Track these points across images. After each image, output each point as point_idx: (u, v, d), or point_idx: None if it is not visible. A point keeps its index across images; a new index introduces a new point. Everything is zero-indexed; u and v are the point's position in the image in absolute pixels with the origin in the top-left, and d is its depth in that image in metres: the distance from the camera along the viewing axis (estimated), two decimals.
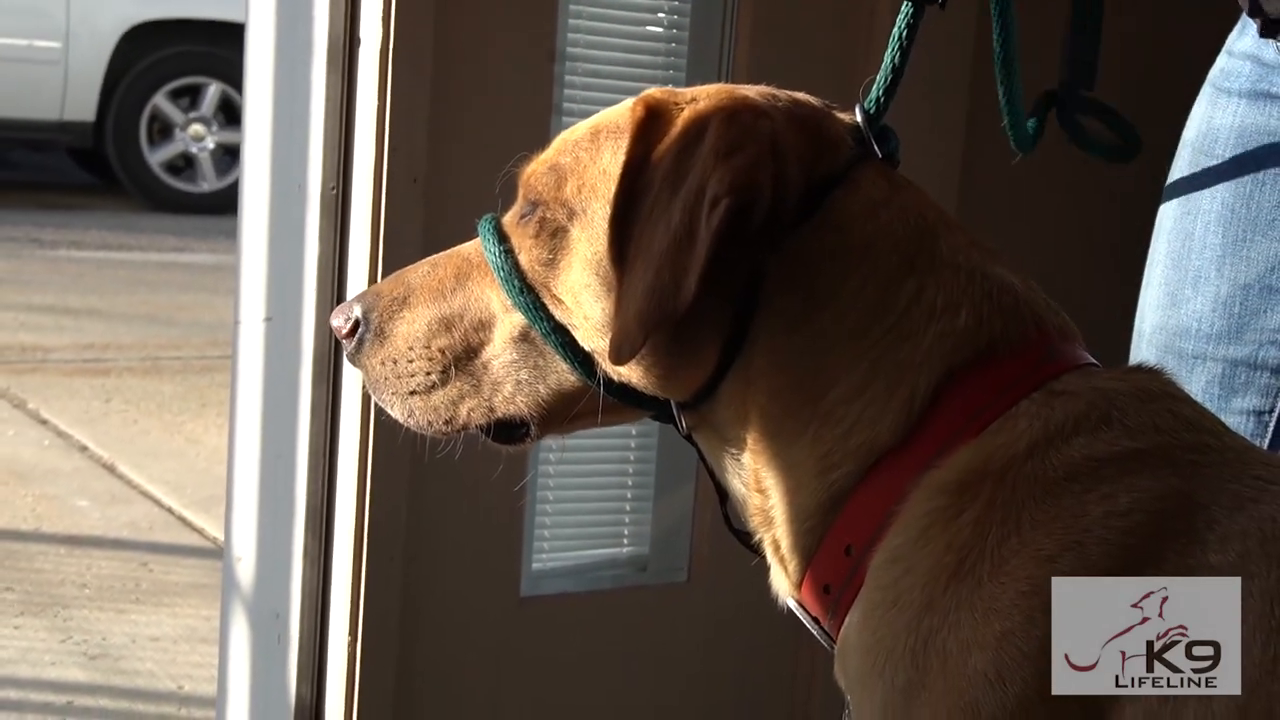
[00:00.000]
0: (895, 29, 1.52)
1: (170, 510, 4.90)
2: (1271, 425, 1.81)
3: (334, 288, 2.47)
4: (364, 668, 2.49)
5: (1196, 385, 1.81)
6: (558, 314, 1.44)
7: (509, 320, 1.48)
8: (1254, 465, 1.28)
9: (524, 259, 1.46)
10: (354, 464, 2.46)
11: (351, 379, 2.45)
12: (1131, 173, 1.95)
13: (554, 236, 1.45)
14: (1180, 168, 1.85)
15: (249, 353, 2.63)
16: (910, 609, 1.27)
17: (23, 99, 10.53)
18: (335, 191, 2.45)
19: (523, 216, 1.47)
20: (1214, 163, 1.80)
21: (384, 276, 2.36)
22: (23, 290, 7.96)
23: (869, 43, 2.70)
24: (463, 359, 1.50)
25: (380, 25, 2.36)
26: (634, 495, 2.77)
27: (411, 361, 1.51)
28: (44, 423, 5.71)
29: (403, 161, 2.39)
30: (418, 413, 1.52)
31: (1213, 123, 1.81)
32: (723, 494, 1.49)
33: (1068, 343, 1.39)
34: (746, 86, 1.46)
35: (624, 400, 1.46)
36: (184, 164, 10.92)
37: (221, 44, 9.86)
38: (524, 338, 1.48)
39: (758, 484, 1.42)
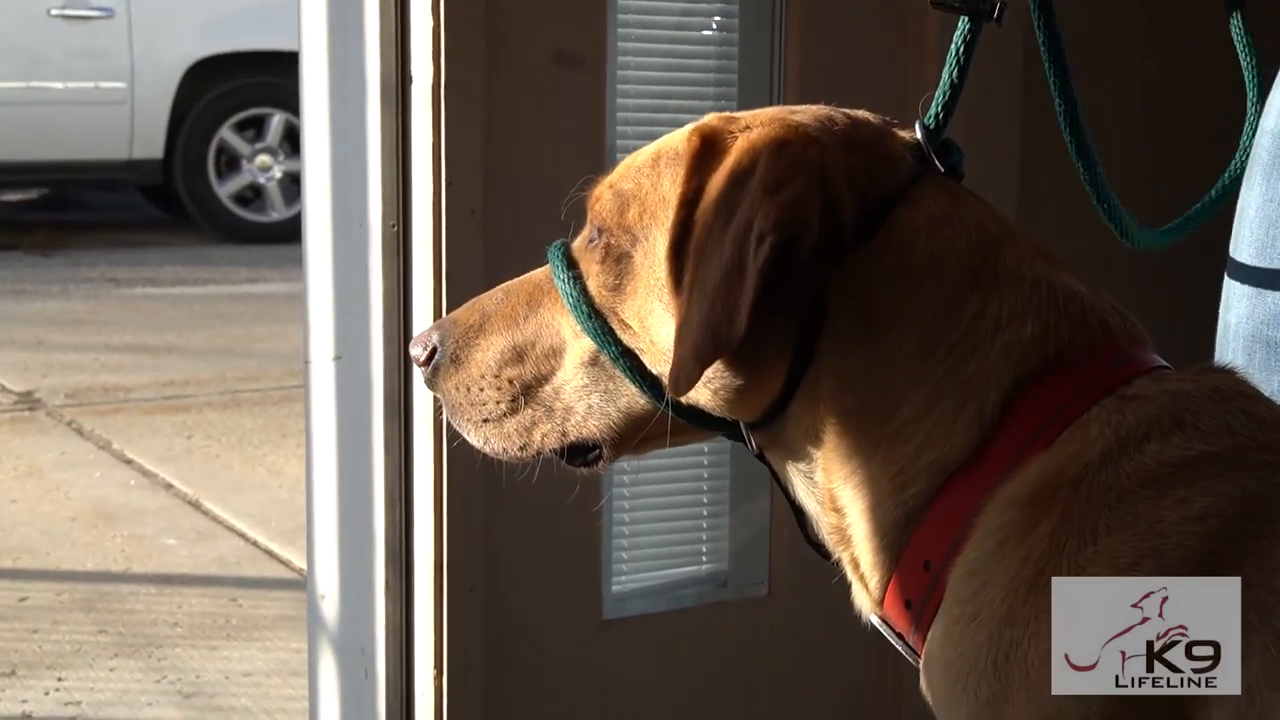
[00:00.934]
0: (953, 44, 1.52)
1: (256, 544, 4.94)
2: None
3: (400, 324, 2.49)
4: (450, 701, 2.51)
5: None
6: (625, 339, 1.46)
7: (579, 345, 1.49)
8: None
9: (592, 284, 1.47)
10: (430, 498, 2.47)
11: (423, 414, 2.47)
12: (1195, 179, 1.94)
13: (619, 262, 1.46)
14: (1261, 156, 1.82)
15: (321, 391, 2.66)
16: (991, 622, 1.27)
17: (92, 140, 10.67)
18: (396, 228, 2.47)
19: (590, 242, 1.49)
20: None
21: (447, 311, 2.38)
22: (101, 330, 8.06)
23: (919, 47, 2.70)
24: (533, 386, 1.52)
25: (430, 62, 2.38)
26: (710, 511, 2.77)
27: (483, 390, 1.54)
28: (129, 462, 5.77)
29: (460, 196, 2.41)
30: (493, 439, 1.55)
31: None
32: (798, 511, 1.49)
33: (1137, 347, 1.38)
34: (802, 109, 1.46)
35: (693, 422, 1.47)
36: (252, 195, 11.02)
37: (283, 74, 9.93)
38: (594, 362, 1.49)
39: (832, 502, 1.42)
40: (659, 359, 1.43)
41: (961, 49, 1.52)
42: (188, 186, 10.90)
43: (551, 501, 2.55)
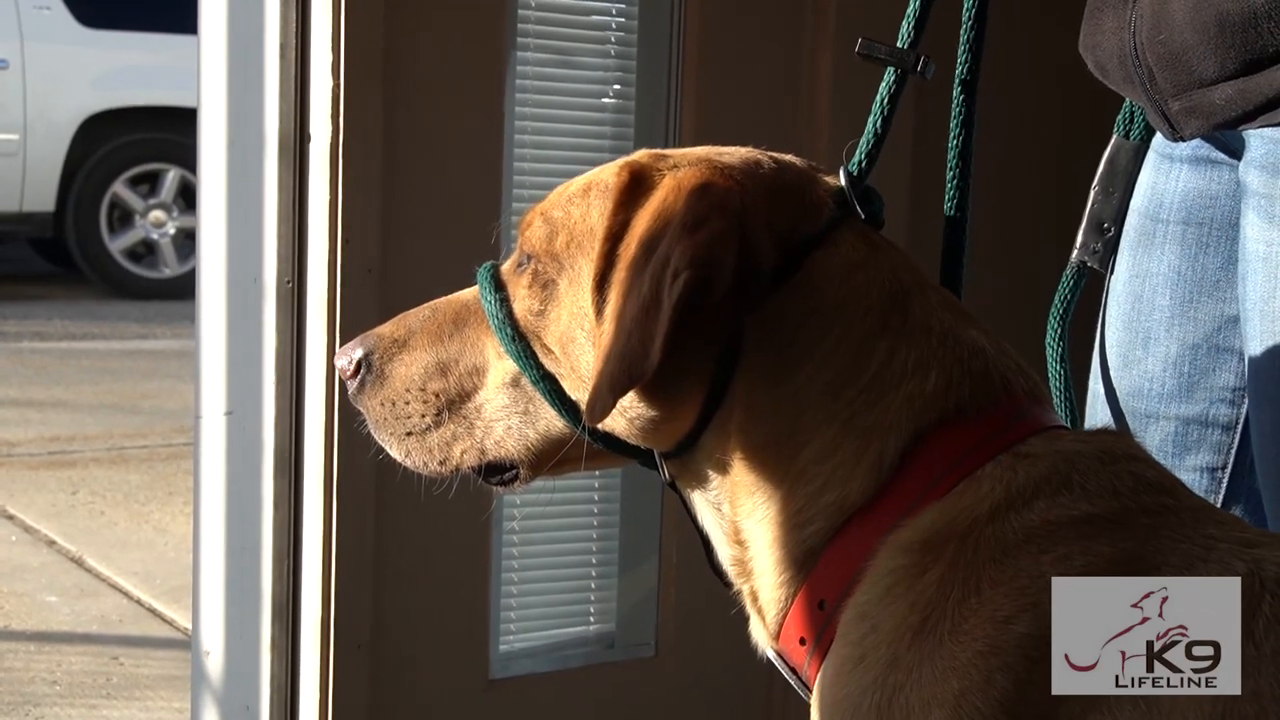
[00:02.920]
0: (879, 95, 1.55)
1: (140, 602, 4.87)
2: (1225, 481, 1.83)
3: (293, 381, 2.49)
4: None
5: (1151, 443, 1.83)
6: (547, 363, 1.47)
7: (502, 366, 1.51)
8: (1207, 524, 1.30)
9: (518, 307, 1.49)
10: (318, 555, 2.47)
11: (313, 471, 2.47)
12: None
13: (545, 288, 1.48)
14: (1129, 233, 1.87)
15: (211, 446, 2.64)
16: (876, 666, 1.29)
17: None
18: (291, 285, 2.47)
19: (518, 266, 1.51)
20: (1161, 227, 1.82)
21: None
22: None
23: (812, 98, 2.75)
24: (456, 402, 1.54)
25: (330, 121, 2.39)
26: (599, 572, 2.78)
27: (408, 404, 1.55)
28: (10, 518, 5.68)
29: (357, 253, 2.42)
30: (414, 453, 1.55)
31: (1158, 189, 1.84)
32: (705, 540, 1.50)
33: (1036, 405, 1.41)
34: (731, 151, 1.49)
35: (609, 448, 1.49)
36: (145, 250, 10.91)
37: (179, 130, 9.88)
38: (515, 384, 1.51)
39: (736, 535, 1.44)
40: (578, 385, 1.45)
41: (886, 100, 1.55)
42: (79, 241, 10.78)
43: (441, 560, 2.56)
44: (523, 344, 1.48)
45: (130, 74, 10.58)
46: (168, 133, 10.43)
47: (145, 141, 10.72)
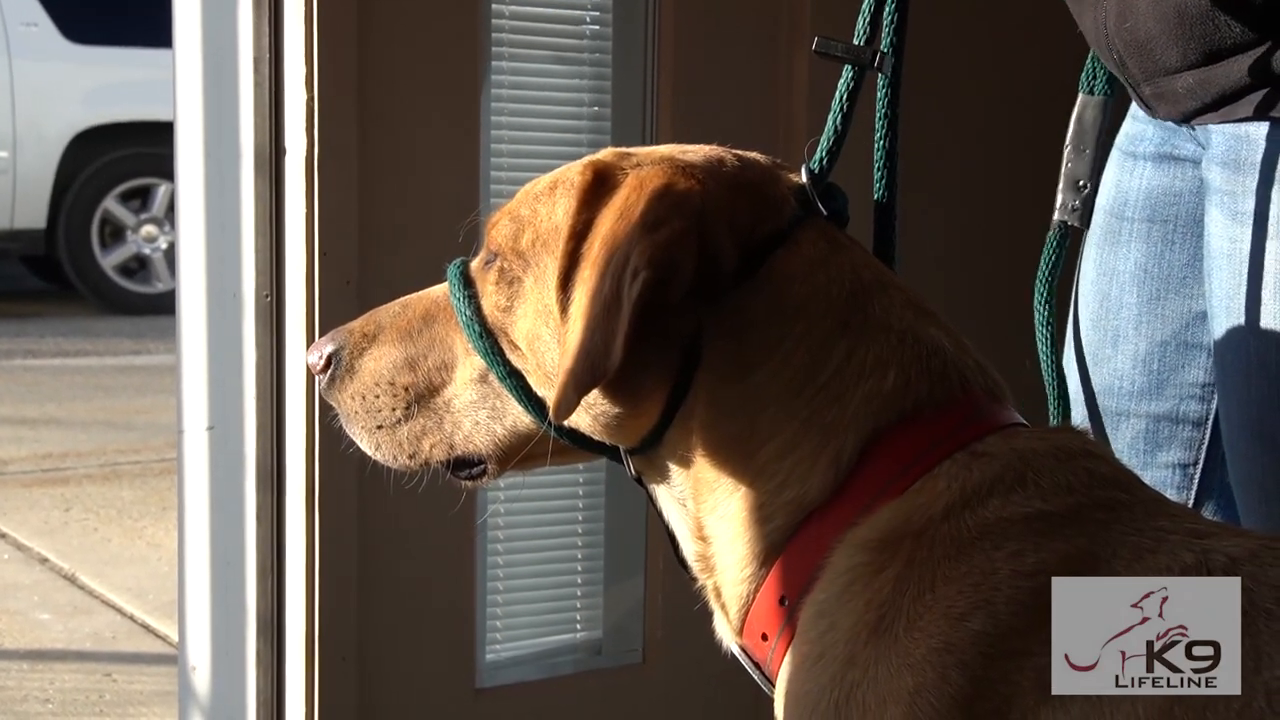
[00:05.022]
0: (837, 92, 1.56)
1: (133, 618, 4.87)
2: (1196, 477, 1.84)
3: (273, 395, 2.50)
4: None
5: (1122, 441, 1.84)
6: (514, 359, 1.48)
7: (470, 362, 1.52)
8: (1160, 518, 1.31)
9: (486, 304, 1.50)
10: (302, 568, 2.48)
11: (296, 484, 2.48)
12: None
13: (511, 285, 1.49)
14: (1095, 232, 1.88)
15: (194, 462, 2.65)
16: (834, 663, 1.29)
17: None
18: (270, 299, 2.48)
19: (486, 263, 1.51)
20: (1126, 225, 1.83)
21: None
22: None
23: (789, 101, 2.76)
24: (425, 397, 1.54)
25: (305, 134, 2.40)
26: (585, 580, 2.79)
27: (378, 397, 1.55)
28: (3, 536, 5.68)
29: (335, 266, 2.43)
30: (384, 446, 1.56)
31: (1122, 186, 1.85)
32: (672, 536, 1.51)
33: (995, 404, 1.42)
34: (695, 149, 1.49)
35: (575, 443, 1.50)
36: (137, 266, 10.91)
37: (170, 145, 9.78)
38: (483, 379, 1.51)
39: (699, 531, 1.45)
40: (544, 381, 1.45)
41: (845, 96, 1.56)
42: (71, 257, 10.78)
43: (425, 569, 2.57)
44: (490, 340, 1.49)
45: (120, 89, 10.58)
46: (158, 147, 10.39)
47: (136, 156, 10.72)
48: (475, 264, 1.54)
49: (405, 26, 2.48)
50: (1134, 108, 1.86)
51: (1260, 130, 1.61)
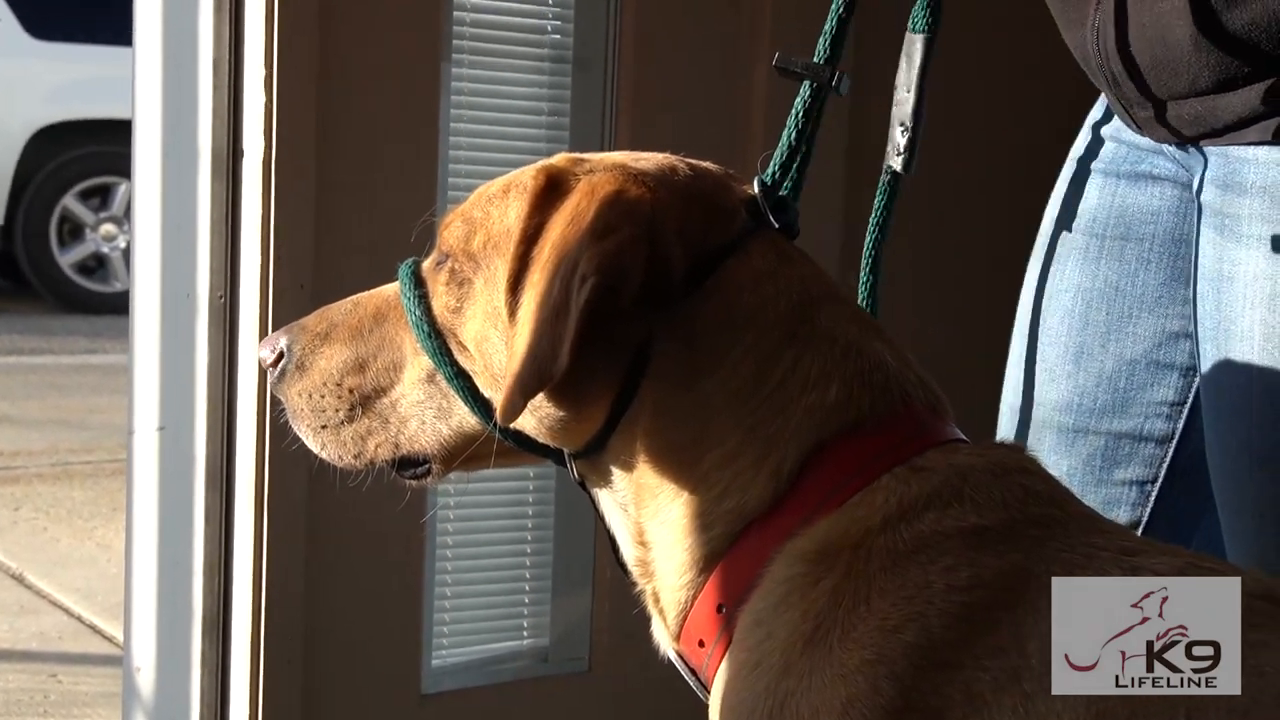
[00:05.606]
0: (794, 108, 1.57)
1: (80, 619, 4.85)
2: (1154, 495, 1.84)
3: (225, 396, 2.50)
4: None
5: (1078, 458, 1.84)
6: (462, 360, 1.48)
7: (418, 362, 1.52)
8: (1093, 535, 1.32)
9: (436, 304, 1.50)
10: (249, 569, 2.48)
11: (245, 485, 2.48)
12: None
13: (461, 286, 1.49)
14: (1064, 247, 1.87)
15: (144, 461, 2.65)
16: (770, 672, 1.30)
17: None
18: (224, 299, 2.48)
19: (438, 264, 1.51)
20: (1095, 242, 1.83)
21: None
22: None
23: (747, 112, 2.77)
24: (372, 398, 1.55)
25: (262, 137, 2.41)
26: (532, 587, 2.79)
27: (324, 397, 1.56)
28: None
29: (289, 269, 2.43)
30: (329, 446, 1.57)
31: (1089, 201, 1.84)
32: (613, 540, 1.51)
33: (936, 419, 1.43)
34: (648, 157, 1.50)
35: (520, 446, 1.50)
36: (96, 264, 10.85)
37: (131, 143, 9.83)
38: (430, 380, 1.51)
39: (640, 536, 1.46)
40: (491, 383, 1.46)
41: (801, 113, 1.57)
42: (28, 254, 10.72)
43: (373, 574, 2.57)
44: (439, 341, 1.49)
45: (82, 86, 10.53)
46: (119, 146, 10.27)
47: (96, 155, 10.67)
48: (427, 264, 1.54)
49: (366, 31, 2.49)
50: (1111, 125, 1.85)
51: (1265, 153, 1.60)
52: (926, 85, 1.64)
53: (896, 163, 1.68)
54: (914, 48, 1.65)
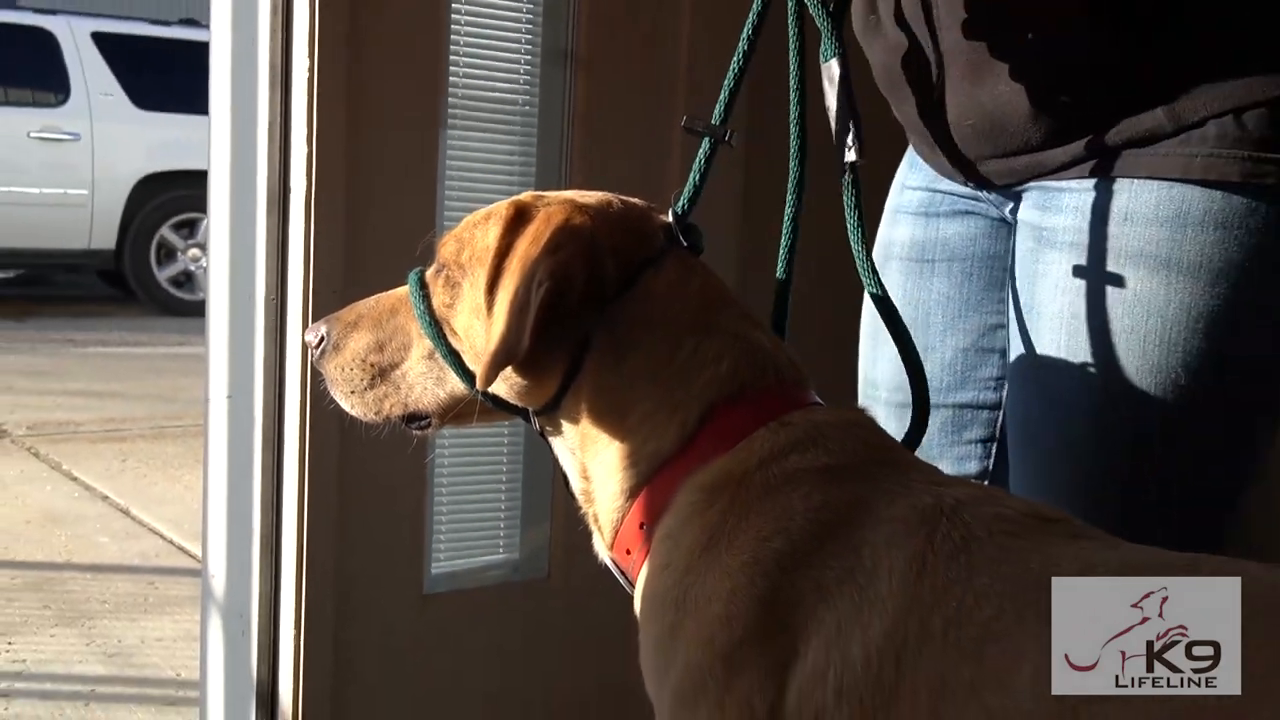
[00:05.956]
0: (697, 157, 1.56)
1: (171, 542, 4.84)
2: (994, 449, 1.84)
3: (277, 373, 2.49)
4: (307, 653, 2.50)
5: (933, 427, 1.81)
6: (453, 342, 1.49)
7: (422, 344, 1.53)
8: (912, 472, 1.34)
9: (435, 302, 1.51)
10: (294, 504, 2.47)
11: (292, 441, 2.47)
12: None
13: (453, 288, 1.50)
14: (897, 267, 1.86)
15: (217, 423, 2.64)
16: (677, 571, 1.32)
17: (60, 234, 10.43)
18: (275, 300, 2.47)
19: (436, 272, 1.53)
20: (928, 266, 1.83)
21: (313, 368, 2.40)
22: (60, 380, 7.84)
23: (668, 158, 2.78)
24: (387, 370, 1.55)
25: (305, 179, 2.40)
26: (506, 515, 2.80)
27: (353, 370, 1.56)
28: (74, 479, 5.62)
29: (325, 277, 2.43)
30: (356, 406, 1.58)
31: (918, 237, 1.84)
32: (565, 477, 1.53)
33: (800, 389, 1.44)
34: (592, 194, 1.51)
35: (496, 405, 1.51)
36: (184, 279, 10.83)
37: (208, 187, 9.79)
38: (430, 357, 1.52)
39: (584, 473, 1.47)
40: (474, 360, 1.47)
41: (703, 161, 1.56)
42: (134, 271, 10.68)
43: (387, 504, 2.57)
44: (437, 329, 1.50)
45: (174, 145, 10.47)
46: (201, 189, 10.28)
47: (185, 196, 10.63)
48: (429, 272, 1.55)
49: (384, 101, 2.48)
50: (921, 179, 1.84)
51: (1078, 183, 1.59)
52: (852, 91, 1.60)
53: (851, 154, 1.63)
54: (831, 71, 1.62)
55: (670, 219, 1.51)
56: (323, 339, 1.60)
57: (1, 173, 10.15)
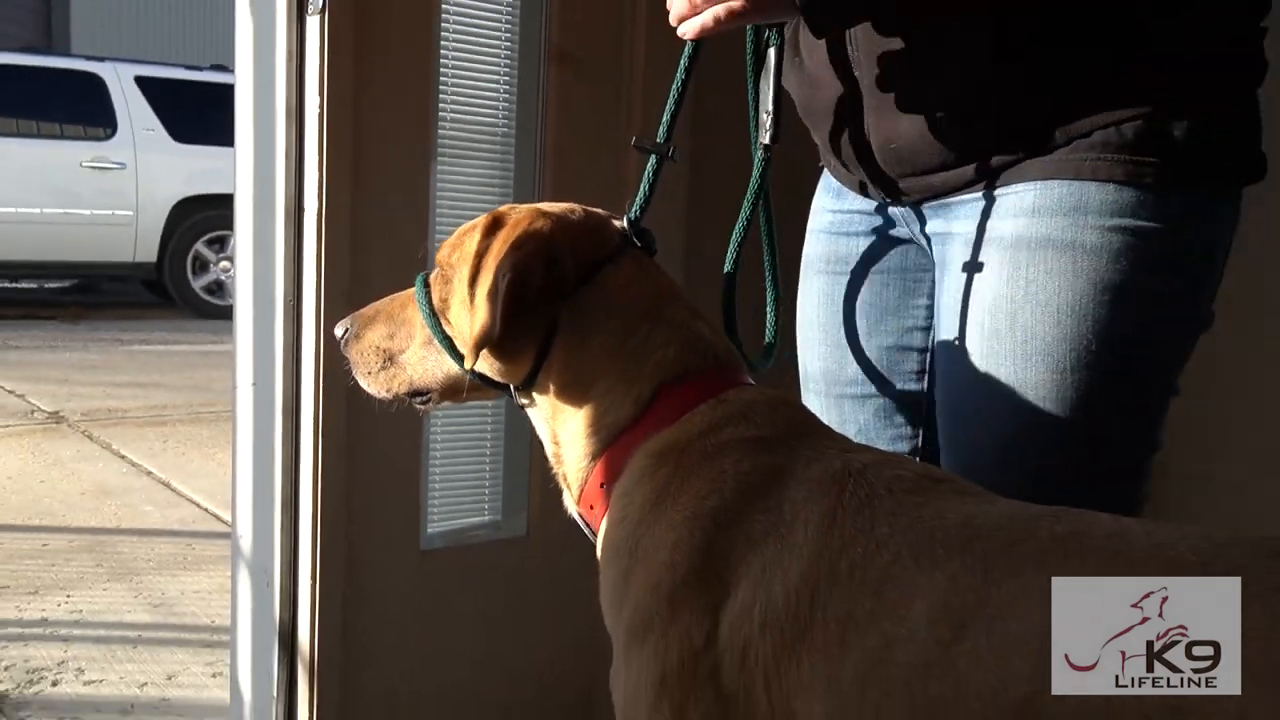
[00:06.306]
0: (646, 170, 1.57)
1: (206, 510, 4.82)
2: (921, 434, 1.80)
3: (294, 364, 2.49)
4: (321, 600, 2.50)
5: (867, 414, 1.80)
6: (448, 330, 1.51)
7: (423, 333, 1.54)
8: (827, 441, 1.34)
9: (434, 297, 1.52)
10: (310, 474, 2.47)
11: (307, 418, 2.47)
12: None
13: (446, 284, 1.51)
14: (819, 280, 1.83)
15: (244, 407, 2.63)
16: (630, 524, 1.32)
17: (108, 248, 10.35)
18: (292, 302, 2.47)
19: (435, 272, 1.55)
20: (846, 278, 1.80)
21: (327, 356, 2.40)
22: (109, 373, 7.78)
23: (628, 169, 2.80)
24: (396, 355, 1.57)
25: (317, 199, 2.40)
26: (490, 480, 2.79)
27: (370, 355, 1.58)
28: (123, 457, 5.59)
29: (334, 282, 2.42)
30: (372, 385, 1.59)
31: (841, 252, 1.81)
32: (540, 443, 1.54)
33: (735, 372, 1.45)
34: (557, 205, 1.51)
35: (484, 383, 1.52)
36: (216, 287, 10.76)
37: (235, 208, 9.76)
38: (429, 343, 1.54)
39: (555, 439, 1.47)
40: (464, 345, 1.48)
41: (651, 174, 1.57)
42: (173, 281, 10.60)
43: (388, 471, 2.57)
44: (434, 319, 1.51)
45: (205, 173, 10.41)
46: (230, 210, 10.22)
47: (216, 216, 10.57)
48: (432, 275, 1.57)
49: (384, 134, 2.48)
50: (841, 204, 1.81)
51: (970, 196, 1.59)
52: (781, 81, 1.59)
53: (766, 137, 1.62)
54: (769, 62, 1.61)
55: (625, 224, 1.52)
56: (346, 330, 1.62)
57: (58, 197, 10.08)
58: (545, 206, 1.51)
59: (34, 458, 5.49)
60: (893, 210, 1.74)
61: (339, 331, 1.63)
